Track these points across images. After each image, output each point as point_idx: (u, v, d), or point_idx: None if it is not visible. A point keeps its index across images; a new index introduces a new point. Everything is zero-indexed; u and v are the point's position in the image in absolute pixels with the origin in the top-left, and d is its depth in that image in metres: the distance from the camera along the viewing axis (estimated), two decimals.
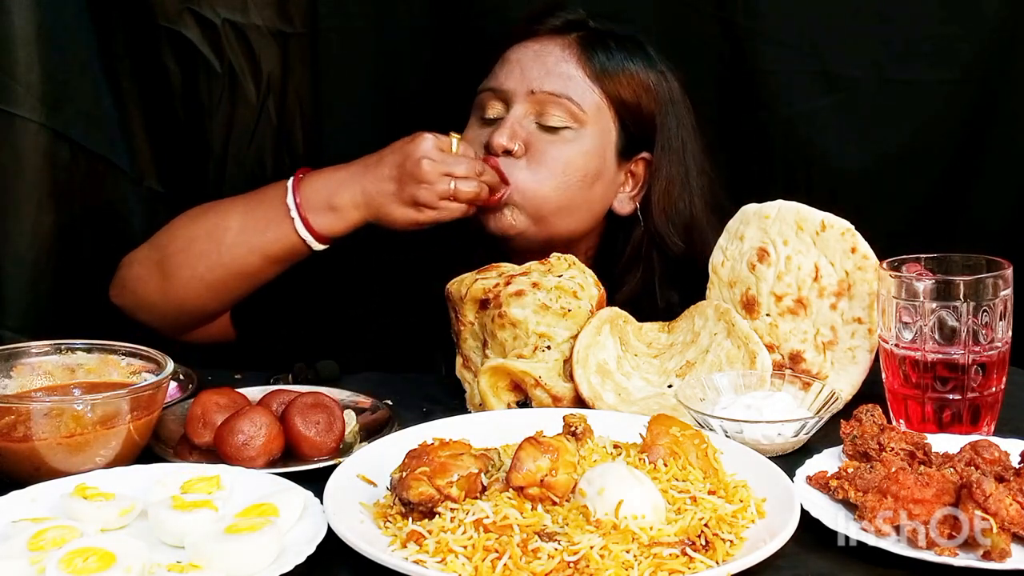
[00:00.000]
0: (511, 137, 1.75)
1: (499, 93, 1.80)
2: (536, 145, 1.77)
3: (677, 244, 1.86)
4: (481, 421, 1.47)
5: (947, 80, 2.04)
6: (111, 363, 1.51)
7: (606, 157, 1.81)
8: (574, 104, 1.77)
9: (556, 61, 1.78)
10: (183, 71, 1.96)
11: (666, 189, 1.85)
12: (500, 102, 1.80)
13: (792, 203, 1.61)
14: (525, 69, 1.78)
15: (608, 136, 1.81)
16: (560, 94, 1.76)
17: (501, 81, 1.79)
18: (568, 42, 1.80)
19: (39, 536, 1.13)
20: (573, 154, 1.78)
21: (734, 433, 1.42)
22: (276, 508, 1.19)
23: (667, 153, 1.84)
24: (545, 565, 1.09)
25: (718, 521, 1.17)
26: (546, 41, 1.81)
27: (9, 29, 1.81)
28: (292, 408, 1.44)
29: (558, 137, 1.77)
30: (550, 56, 1.78)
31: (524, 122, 1.78)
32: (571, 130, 1.77)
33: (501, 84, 1.79)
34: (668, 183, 1.85)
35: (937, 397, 1.46)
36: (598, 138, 1.80)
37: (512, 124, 1.76)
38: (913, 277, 1.48)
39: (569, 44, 1.80)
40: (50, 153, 1.88)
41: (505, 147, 1.75)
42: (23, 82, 1.83)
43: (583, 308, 1.58)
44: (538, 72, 1.77)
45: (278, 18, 2.00)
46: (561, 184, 1.77)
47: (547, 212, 1.78)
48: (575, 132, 1.78)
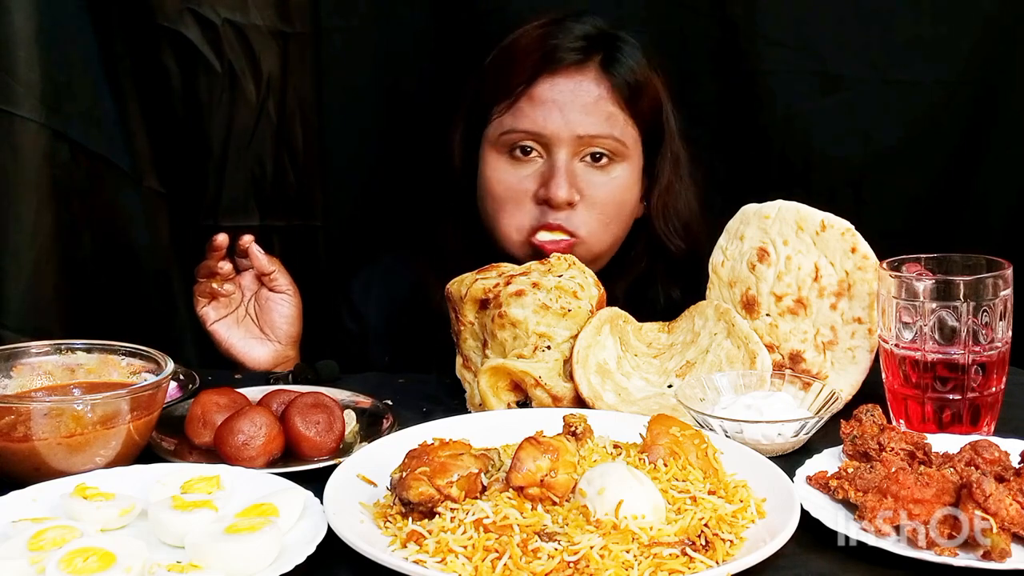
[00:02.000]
0: (570, 188, 1.76)
1: (539, 136, 1.77)
2: (588, 190, 1.78)
3: (677, 243, 1.88)
4: (481, 421, 1.47)
5: (945, 80, 2.04)
6: (111, 363, 1.51)
7: (640, 180, 1.85)
8: (618, 141, 1.78)
9: (595, 100, 1.77)
10: (183, 71, 1.96)
11: (666, 189, 1.87)
12: (537, 143, 1.78)
13: (792, 203, 1.61)
14: (565, 110, 1.76)
15: (639, 160, 1.84)
16: (607, 135, 1.77)
17: (540, 124, 1.76)
18: (597, 73, 1.78)
19: (39, 536, 1.13)
20: (621, 189, 1.81)
21: (734, 433, 1.42)
22: (276, 508, 1.19)
23: (667, 153, 1.86)
24: (545, 565, 1.09)
25: (718, 521, 1.17)
26: (576, 75, 1.78)
27: (9, 29, 1.81)
28: (292, 408, 1.44)
29: (607, 176, 1.79)
30: (588, 95, 1.77)
31: (573, 167, 1.77)
32: (617, 164, 1.80)
33: (541, 128, 1.76)
34: (668, 183, 1.87)
35: (937, 397, 1.46)
36: (635, 166, 1.83)
37: (567, 175, 1.76)
38: (913, 277, 1.48)
39: (598, 75, 1.78)
40: (50, 153, 1.88)
41: (568, 201, 1.76)
42: (23, 82, 1.82)
43: (583, 308, 1.58)
44: (579, 114, 1.76)
45: (278, 18, 2.00)
46: (616, 225, 1.82)
47: (601, 253, 1.83)
48: (620, 167, 1.80)
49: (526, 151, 1.78)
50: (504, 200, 1.80)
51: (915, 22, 2.02)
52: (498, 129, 1.80)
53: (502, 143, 1.80)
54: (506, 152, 1.80)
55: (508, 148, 1.80)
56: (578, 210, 1.77)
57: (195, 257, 1.89)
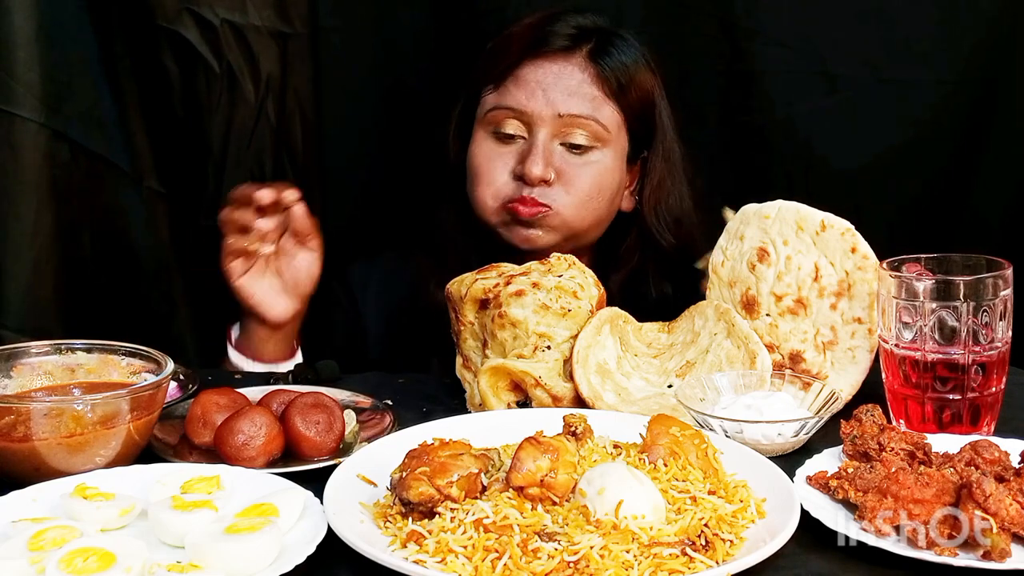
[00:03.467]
0: (546, 167, 1.78)
1: (521, 115, 1.80)
2: (567, 170, 1.81)
3: (668, 238, 1.91)
4: (481, 421, 1.47)
5: (945, 80, 2.04)
6: (111, 363, 1.51)
7: (623, 167, 1.87)
8: (599, 125, 1.80)
9: (578, 83, 1.80)
10: (182, 71, 1.96)
11: (658, 184, 1.90)
12: (520, 122, 1.81)
13: (792, 203, 1.61)
14: (548, 91, 1.79)
15: (624, 148, 1.86)
16: (587, 116, 1.80)
17: (523, 103, 1.80)
18: (583, 60, 1.82)
19: (39, 536, 1.13)
20: (601, 173, 1.82)
21: (734, 433, 1.42)
22: (276, 508, 1.19)
23: (660, 149, 1.89)
24: (545, 565, 1.09)
25: (718, 521, 1.17)
26: (561, 60, 1.81)
27: (9, 29, 1.81)
28: (292, 408, 1.44)
29: (586, 159, 1.81)
30: (572, 78, 1.80)
31: (551, 146, 1.80)
32: (597, 150, 1.82)
33: (524, 106, 1.80)
34: (660, 179, 1.90)
35: (937, 397, 1.46)
36: (618, 152, 1.85)
37: (544, 152, 1.79)
38: (913, 277, 1.47)
39: (584, 62, 1.81)
40: (50, 153, 1.88)
41: (542, 177, 1.78)
42: (23, 82, 1.83)
43: (583, 308, 1.58)
44: (561, 94, 1.79)
45: (277, 19, 2.00)
46: (595, 205, 1.83)
47: (582, 231, 1.84)
48: (601, 151, 1.82)
49: (510, 135, 1.82)
50: (484, 171, 1.84)
51: (914, 22, 2.02)
52: (484, 107, 1.85)
53: (488, 121, 1.84)
54: (492, 131, 1.84)
55: (493, 127, 1.83)
56: (554, 187, 1.80)
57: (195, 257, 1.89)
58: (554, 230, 1.81)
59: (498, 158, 1.82)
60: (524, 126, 1.81)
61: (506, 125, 1.82)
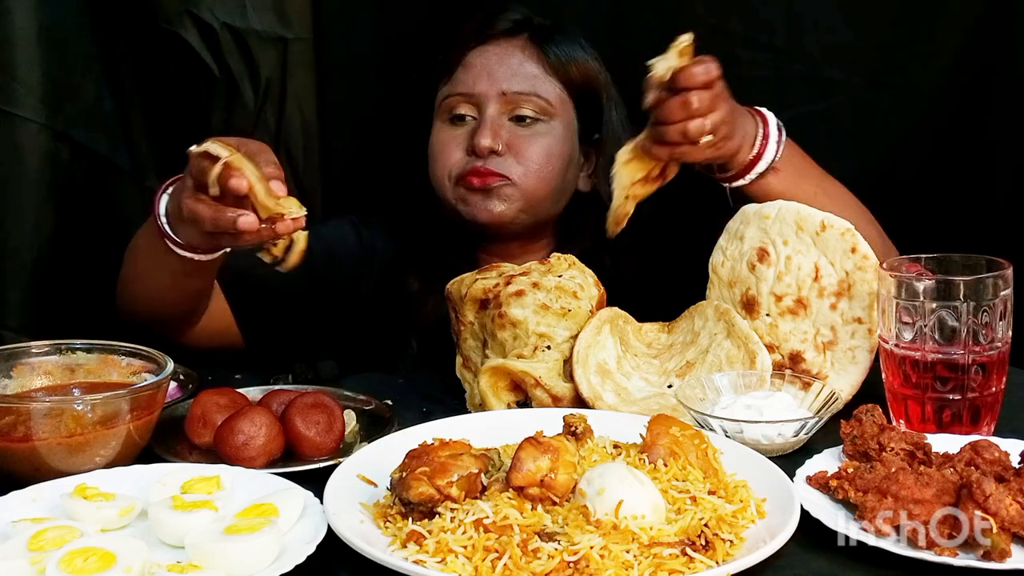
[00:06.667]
0: (494, 138, 1.85)
1: (470, 97, 1.89)
2: (516, 142, 1.88)
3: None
4: (481, 421, 1.47)
5: (939, 81, 2.04)
6: (111, 363, 1.51)
7: (573, 142, 1.94)
8: (543, 99, 1.89)
9: (520, 62, 1.89)
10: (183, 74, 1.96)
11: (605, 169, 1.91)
12: (470, 105, 1.89)
13: (792, 203, 1.61)
14: (492, 72, 1.88)
15: (572, 123, 1.94)
16: (530, 92, 1.88)
17: (470, 86, 1.88)
18: (523, 43, 1.91)
19: (39, 536, 1.13)
20: (550, 144, 1.89)
21: (734, 433, 1.42)
22: (276, 508, 1.19)
23: (611, 135, 1.95)
24: (545, 565, 1.09)
25: (718, 521, 1.17)
26: (503, 44, 1.91)
27: (10, 29, 1.81)
28: (292, 408, 1.44)
29: (534, 131, 1.89)
30: (513, 58, 1.90)
31: (500, 120, 1.88)
32: (543, 123, 1.89)
33: (471, 88, 1.88)
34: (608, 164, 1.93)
35: (937, 397, 1.46)
36: (566, 126, 1.92)
37: (492, 125, 1.86)
38: (913, 277, 1.48)
39: (525, 44, 1.91)
40: (50, 153, 1.88)
41: (491, 148, 1.85)
42: (24, 82, 1.83)
43: (583, 308, 1.58)
44: (505, 74, 1.88)
45: (277, 23, 2.00)
46: (547, 173, 1.89)
47: (538, 200, 1.89)
48: (547, 125, 1.90)
49: (462, 116, 1.89)
50: (438, 153, 1.91)
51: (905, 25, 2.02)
52: (439, 98, 1.93)
53: (443, 109, 1.92)
54: (447, 118, 1.91)
55: (448, 113, 1.91)
56: (506, 158, 1.87)
57: None
58: (510, 200, 1.86)
59: (451, 140, 1.90)
60: (474, 107, 1.89)
61: (458, 108, 1.90)
